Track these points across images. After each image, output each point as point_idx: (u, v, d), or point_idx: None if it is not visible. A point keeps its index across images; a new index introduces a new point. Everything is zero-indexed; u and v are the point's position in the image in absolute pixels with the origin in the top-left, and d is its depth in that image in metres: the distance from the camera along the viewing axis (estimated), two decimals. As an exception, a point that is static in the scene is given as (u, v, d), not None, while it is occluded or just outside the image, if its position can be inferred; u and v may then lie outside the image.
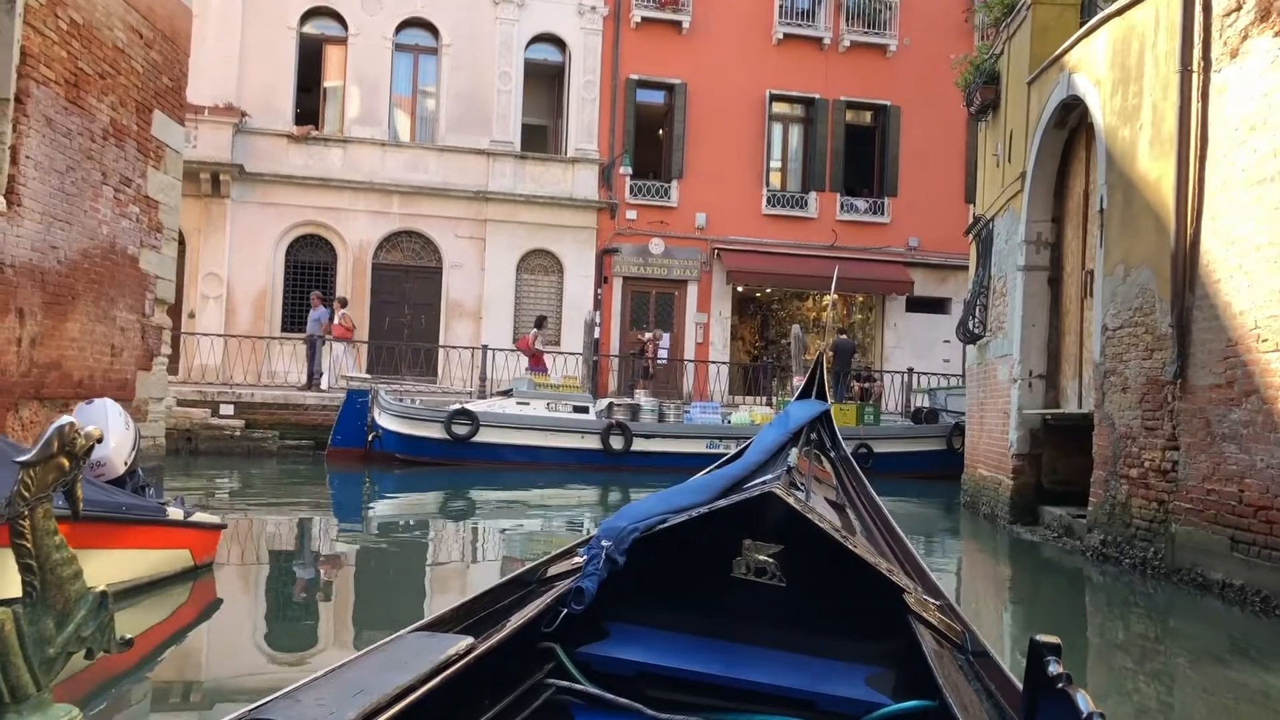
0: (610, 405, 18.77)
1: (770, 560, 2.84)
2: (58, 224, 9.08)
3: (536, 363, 20.14)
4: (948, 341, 25.59)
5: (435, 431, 17.37)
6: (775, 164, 25.81)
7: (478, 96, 23.64)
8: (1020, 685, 1.99)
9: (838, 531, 2.85)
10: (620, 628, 2.89)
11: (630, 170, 23.80)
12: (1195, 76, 8.25)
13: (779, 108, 25.50)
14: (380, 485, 16.42)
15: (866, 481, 4.82)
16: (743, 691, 2.59)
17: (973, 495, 13.84)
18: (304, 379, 20.07)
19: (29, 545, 1.42)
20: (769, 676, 2.61)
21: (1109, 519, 9.38)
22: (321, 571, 9.20)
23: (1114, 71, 9.68)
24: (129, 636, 1.61)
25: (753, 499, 2.85)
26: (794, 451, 4.19)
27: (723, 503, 2.90)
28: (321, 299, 20.53)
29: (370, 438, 17.66)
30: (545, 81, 25.11)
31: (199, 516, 7.09)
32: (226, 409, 18.73)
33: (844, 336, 22.87)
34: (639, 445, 17.96)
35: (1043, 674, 1.73)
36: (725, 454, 15.48)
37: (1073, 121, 11.29)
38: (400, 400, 18.12)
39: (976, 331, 13.41)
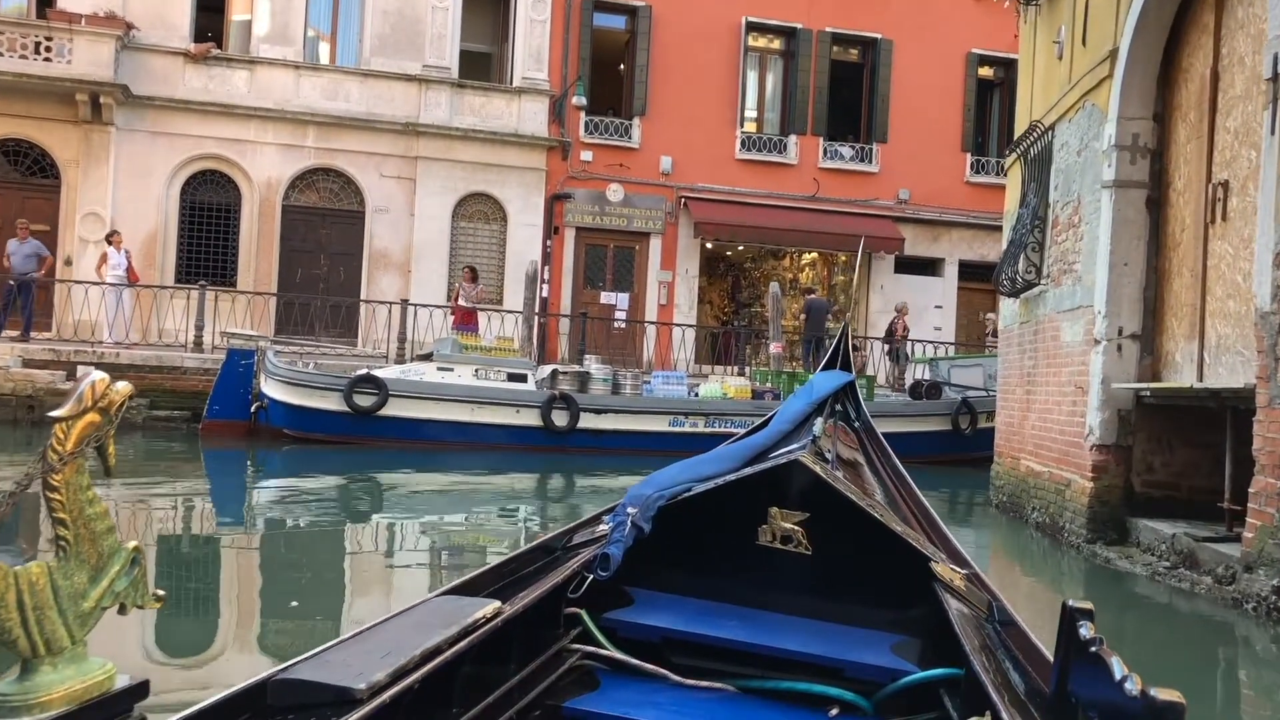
0: (554, 373, 14.95)
1: (796, 528, 2.77)
2: None
3: (466, 320, 16.30)
4: (939, 307, 22.14)
5: (333, 403, 13.55)
6: (751, 103, 21.95)
7: (409, 14, 19.59)
8: (1048, 654, 1.86)
9: (863, 500, 2.82)
10: (645, 595, 2.82)
11: (584, 102, 19.83)
12: None
13: (756, 39, 21.62)
14: (263, 468, 12.78)
15: (891, 452, 4.42)
16: (768, 658, 2.51)
17: (1014, 496, 10.20)
18: (192, 338, 16.13)
19: (62, 500, 1.34)
20: (794, 643, 2.53)
21: (1288, 554, 5.75)
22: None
23: None
24: (161, 592, 1.49)
25: (779, 467, 2.82)
26: (819, 421, 3.93)
27: (748, 471, 2.87)
28: (28, 229, 16.11)
29: (254, 408, 13.86)
30: (488, 1, 21.05)
31: None
32: (85, 371, 14.76)
33: (815, 295, 19.19)
34: (587, 422, 14.22)
35: (1075, 638, 1.51)
36: (691, 433, 11.81)
37: (1192, -26, 7.61)
38: (291, 364, 14.25)
39: (1028, 278, 9.71)
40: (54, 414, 1.38)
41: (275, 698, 1.63)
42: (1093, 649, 1.46)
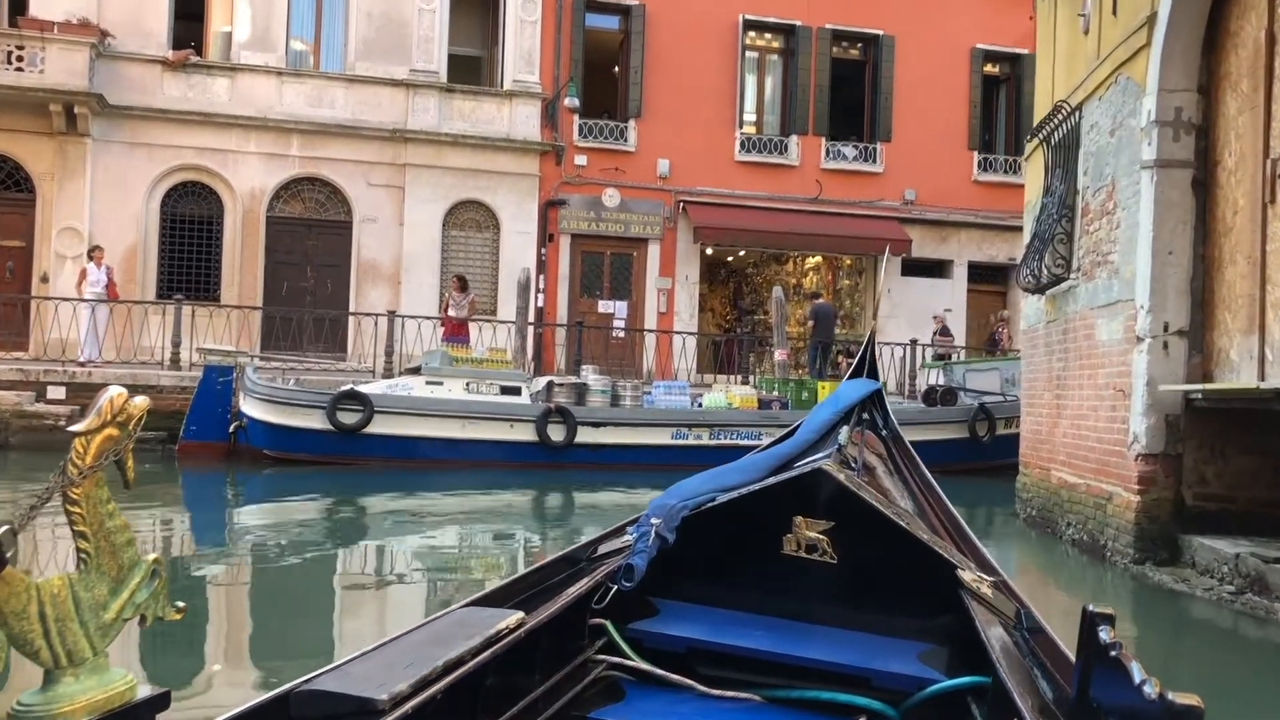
0: (549, 385, 14.13)
1: (821, 537, 2.74)
2: None
3: (456, 331, 15.48)
4: (949, 310, 21.25)
5: (316, 421, 12.75)
6: (750, 103, 21.14)
7: (394, 17, 18.79)
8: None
9: (889, 508, 2.79)
10: (670, 605, 2.80)
11: (577, 104, 19.02)
12: None
13: (754, 37, 20.81)
14: (243, 490, 12.04)
15: (920, 460, 4.22)
16: (794, 667, 2.49)
17: (1044, 510, 9.35)
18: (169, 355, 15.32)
19: (83, 513, 1.36)
20: (821, 653, 2.51)
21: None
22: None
23: None
24: (181, 604, 1.50)
25: (803, 475, 2.79)
26: (845, 430, 3.87)
27: (773, 480, 2.85)
28: None
29: (233, 428, 13.08)
30: (477, 3, 20.28)
31: None
32: (56, 391, 13.99)
33: (821, 300, 18.33)
34: (585, 436, 13.40)
35: (1095, 643, 1.48)
36: (695, 445, 10.96)
37: (1239, -73, 6.79)
38: (271, 381, 13.44)
39: (1056, 273, 8.87)
40: (74, 429, 1.36)
41: (298, 709, 1.63)
42: (1113, 653, 1.41)
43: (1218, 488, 7.14)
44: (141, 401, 1.42)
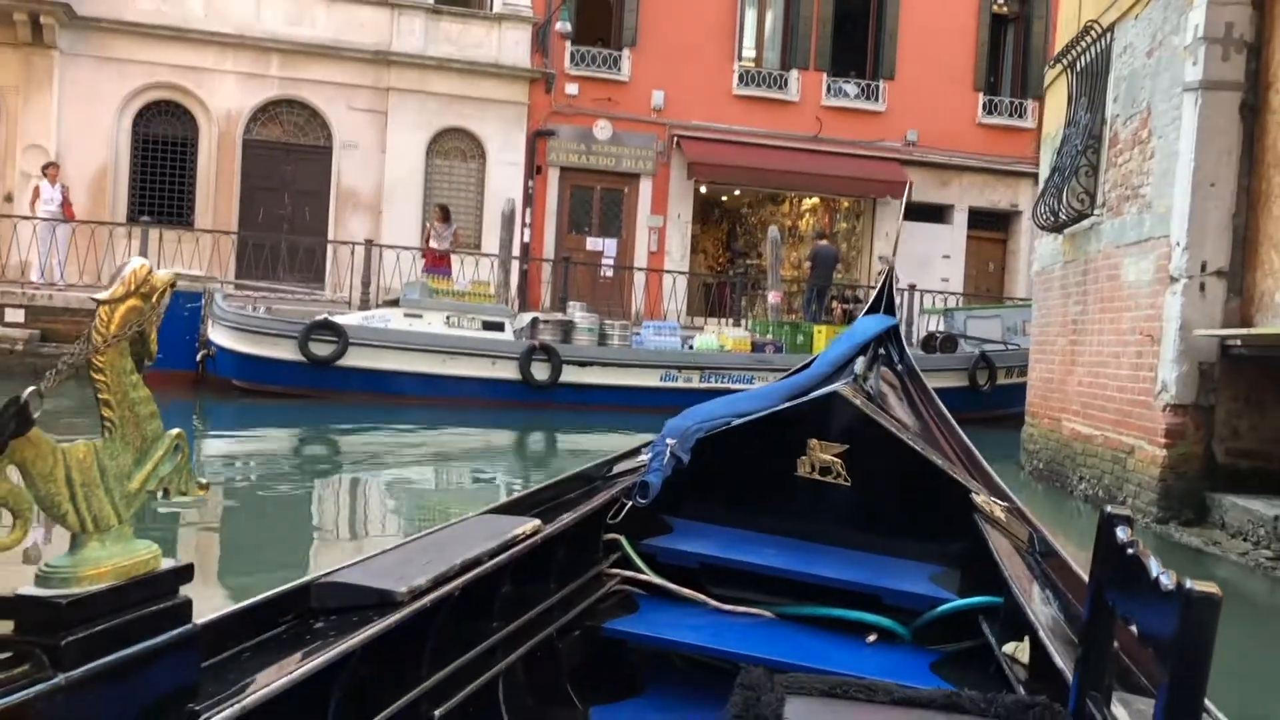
0: (534, 322, 13.50)
1: (835, 460, 2.77)
2: None
3: (437, 263, 14.76)
4: (947, 257, 20.63)
5: (288, 351, 12.12)
6: (750, 35, 20.19)
7: (380, -69, 17.85)
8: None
9: (903, 432, 2.84)
10: (685, 524, 2.84)
11: (569, 30, 18.08)
12: None
13: (756, -34, 19.89)
14: (209, 421, 11.51)
15: (935, 394, 4.18)
16: (806, 586, 2.52)
17: (1052, 463, 8.77)
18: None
19: (107, 381, 1.32)
20: (832, 571, 2.53)
21: None
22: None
23: None
24: (204, 480, 1.47)
25: (819, 399, 2.84)
26: (861, 361, 3.82)
27: (788, 404, 2.90)
28: None
29: (201, 356, 12.46)
30: (468, -80, 19.28)
31: None
32: (14, 314, 13.26)
33: (824, 243, 17.60)
34: (570, 375, 12.79)
35: (1112, 541, 1.41)
36: (685, 388, 9.17)
37: None
38: (241, 309, 12.76)
39: (1078, 208, 8.19)
40: (98, 296, 1.33)
41: (319, 599, 1.64)
42: (1130, 551, 1.34)
43: (1252, 443, 6.56)
44: (166, 274, 1.40)
